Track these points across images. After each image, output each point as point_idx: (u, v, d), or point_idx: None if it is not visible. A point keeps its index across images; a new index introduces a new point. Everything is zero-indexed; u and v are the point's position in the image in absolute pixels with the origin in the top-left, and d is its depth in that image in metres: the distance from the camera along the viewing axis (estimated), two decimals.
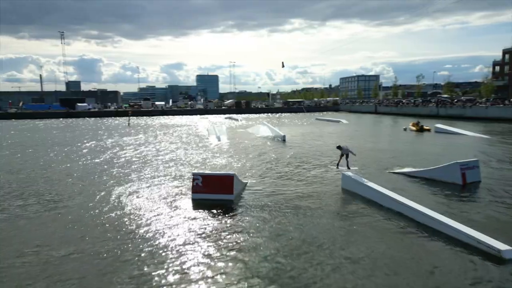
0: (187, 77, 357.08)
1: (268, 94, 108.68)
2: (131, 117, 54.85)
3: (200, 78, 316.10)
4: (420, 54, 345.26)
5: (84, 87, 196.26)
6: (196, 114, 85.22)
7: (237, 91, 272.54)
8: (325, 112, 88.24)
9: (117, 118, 74.52)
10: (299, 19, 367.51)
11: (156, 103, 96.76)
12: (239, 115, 78.30)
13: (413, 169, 16.61)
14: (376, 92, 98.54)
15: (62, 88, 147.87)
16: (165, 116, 79.61)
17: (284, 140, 30.12)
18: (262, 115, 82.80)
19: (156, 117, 77.89)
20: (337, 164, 17.48)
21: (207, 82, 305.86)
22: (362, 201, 12.31)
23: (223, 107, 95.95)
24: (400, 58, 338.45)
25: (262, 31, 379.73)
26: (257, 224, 10.29)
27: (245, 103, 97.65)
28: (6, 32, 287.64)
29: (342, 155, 17.04)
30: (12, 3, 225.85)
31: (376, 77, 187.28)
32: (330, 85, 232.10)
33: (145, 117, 77.99)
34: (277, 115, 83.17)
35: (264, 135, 34.63)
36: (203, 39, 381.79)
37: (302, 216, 11.00)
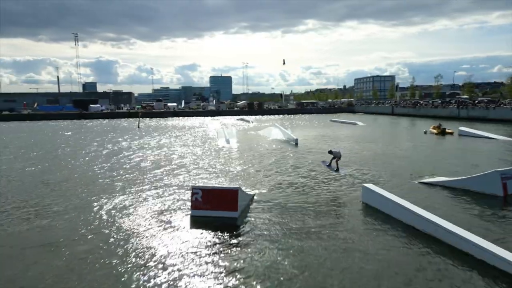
0: (201, 78, 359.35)
1: (281, 95, 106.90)
2: (141, 118, 53.95)
3: (213, 79, 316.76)
4: (437, 54, 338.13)
5: (100, 88, 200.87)
6: (208, 115, 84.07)
7: (250, 92, 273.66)
8: (339, 114, 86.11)
9: (129, 119, 73.91)
10: (313, 19, 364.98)
11: (169, 104, 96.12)
12: (252, 116, 76.77)
13: (445, 179, 14.70)
14: (393, 93, 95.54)
15: (79, 89, 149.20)
16: (177, 118, 78.71)
17: (296, 144, 28.45)
18: (275, 116, 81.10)
19: (167, 118, 77.06)
20: (329, 166, 15.57)
21: (221, 83, 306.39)
22: (387, 220, 10.52)
23: (235, 109, 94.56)
24: (416, 59, 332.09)
25: (276, 32, 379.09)
26: (264, 251, 8.64)
27: (258, 104, 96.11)
28: (25, 35, 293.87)
29: (333, 158, 15.27)
30: (31, 6, 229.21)
31: (392, 77, 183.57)
32: (345, 86, 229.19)
33: (157, 118, 77.25)
34: (291, 116, 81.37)
35: (276, 138, 33.04)
36: (216, 40, 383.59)
37: (316, 238, 9.31)
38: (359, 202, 12.42)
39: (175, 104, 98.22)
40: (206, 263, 7.93)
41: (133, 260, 8.13)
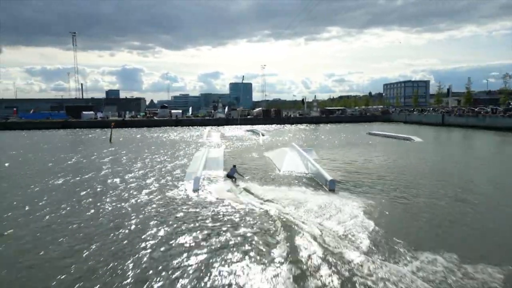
0: (223, 86, 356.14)
1: (302, 100, 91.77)
2: (114, 129, 41.20)
3: (233, 86, 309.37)
4: (463, 61, 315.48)
5: (123, 95, 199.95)
6: (215, 124, 70.76)
7: (270, 99, 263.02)
8: (373, 123, 71.01)
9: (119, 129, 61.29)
10: (337, 27, 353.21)
11: (173, 111, 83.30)
12: (267, 126, 63.14)
13: None
14: (439, 99, 79.18)
15: (103, 96, 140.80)
16: (177, 128, 65.45)
17: (332, 189, 14.32)
18: (295, 126, 66.95)
19: (164, 128, 63.84)
20: None
21: (240, 90, 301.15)
22: None
23: (248, 116, 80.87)
24: (442, 66, 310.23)
25: (299, 39, 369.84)
26: None
27: (275, 111, 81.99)
28: (54, 44, 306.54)
29: None
30: (60, 16, 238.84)
31: (425, 82, 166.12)
32: (370, 93, 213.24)
33: (154, 128, 64.23)
34: (314, 126, 67.00)
35: (291, 170, 18.83)
36: (240, 48, 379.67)
37: None
38: None
39: (179, 111, 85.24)
40: None
41: None
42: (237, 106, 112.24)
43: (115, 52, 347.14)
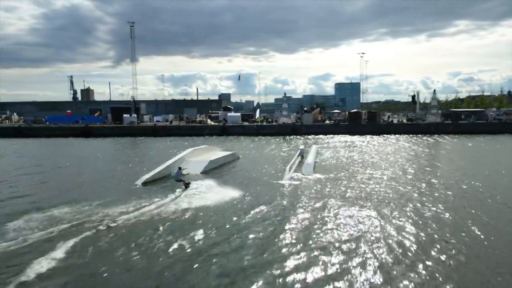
0: (333, 88, 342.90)
1: (412, 97, 60.84)
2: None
3: (339, 86, 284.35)
4: None
5: (235, 99, 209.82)
6: (272, 133, 48.74)
7: (382, 100, 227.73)
8: None
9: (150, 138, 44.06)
10: (465, 20, 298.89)
11: (231, 114, 63.48)
12: (354, 136, 39.33)
13: None
14: None
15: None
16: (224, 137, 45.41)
17: None
18: (397, 138, 40.72)
19: (181, 139, 44.17)
20: None
21: (347, 91, 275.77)
22: None
23: (327, 122, 56.39)
24: None
25: (420, 36, 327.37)
26: None
27: (369, 115, 55.41)
28: (180, 52, 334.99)
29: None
30: (186, 27, 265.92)
31: None
32: (509, 92, 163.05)
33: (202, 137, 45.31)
34: (431, 139, 39.89)
35: None
36: (353, 49, 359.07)
37: None
38: None
39: (238, 114, 64.71)
40: None
41: None
42: (301, 106, 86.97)
43: (232, 58, 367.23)
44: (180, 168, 16.27)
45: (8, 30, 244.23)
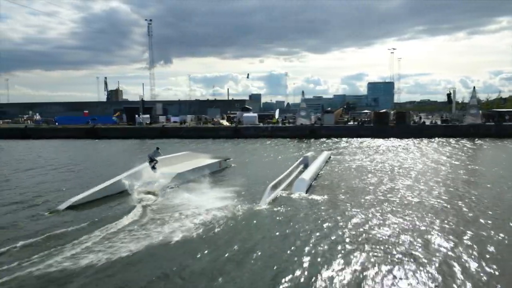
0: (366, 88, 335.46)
1: (448, 96, 53.46)
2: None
3: (371, 86, 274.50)
4: None
5: (266, 99, 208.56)
6: (290, 136, 44.36)
7: (418, 100, 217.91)
8: None
9: (158, 140, 41.09)
10: (508, 17, 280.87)
11: (245, 114, 59.20)
12: (379, 140, 34.57)
13: None
14: None
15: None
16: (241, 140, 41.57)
17: None
18: (430, 142, 35.14)
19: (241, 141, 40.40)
20: None
21: (380, 90, 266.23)
22: None
23: (350, 123, 51.06)
24: None
25: (459, 34, 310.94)
26: None
27: (397, 115, 49.52)
28: (213, 54, 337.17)
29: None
30: (218, 28, 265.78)
31: None
32: None
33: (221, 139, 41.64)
34: (469, 143, 34.16)
35: None
36: (388, 48, 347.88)
37: None
38: None
39: (254, 115, 60.31)
40: None
41: None
42: (322, 106, 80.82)
43: (264, 59, 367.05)
44: (158, 149, 16.41)
45: (50, 34, 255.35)
